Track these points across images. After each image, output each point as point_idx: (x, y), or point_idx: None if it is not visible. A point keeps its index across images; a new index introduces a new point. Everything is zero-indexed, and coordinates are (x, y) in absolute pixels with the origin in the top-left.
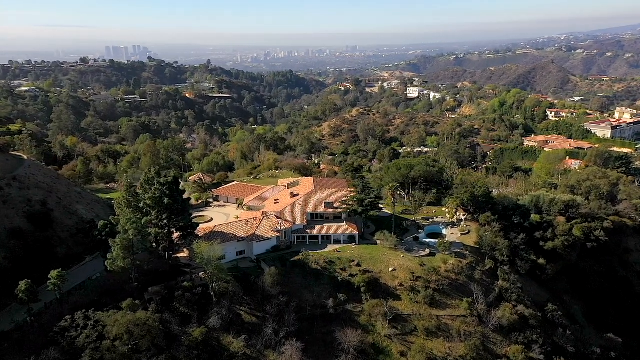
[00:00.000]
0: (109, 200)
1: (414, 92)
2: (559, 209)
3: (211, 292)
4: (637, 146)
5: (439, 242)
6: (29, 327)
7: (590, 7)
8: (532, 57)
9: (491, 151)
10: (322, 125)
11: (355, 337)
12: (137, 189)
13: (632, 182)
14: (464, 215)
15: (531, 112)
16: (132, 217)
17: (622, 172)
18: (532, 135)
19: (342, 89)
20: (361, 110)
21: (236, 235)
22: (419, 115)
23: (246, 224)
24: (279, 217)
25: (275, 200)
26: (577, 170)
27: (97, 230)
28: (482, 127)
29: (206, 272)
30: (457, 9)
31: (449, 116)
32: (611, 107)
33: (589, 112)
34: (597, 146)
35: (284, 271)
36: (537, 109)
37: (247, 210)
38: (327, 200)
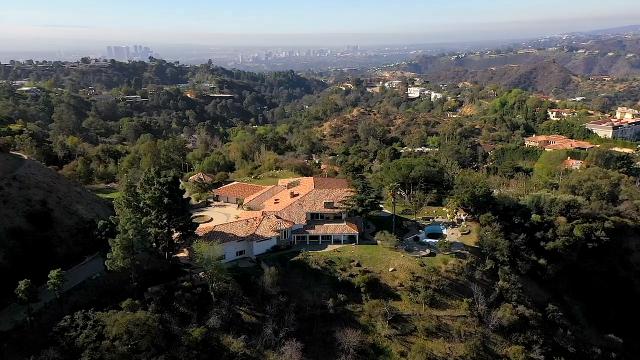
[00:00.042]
0: (109, 200)
1: (415, 92)
2: (559, 209)
3: (211, 292)
4: (639, 146)
5: (439, 242)
6: (28, 326)
7: (590, 7)
8: (533, 57)
9: (492, 151)
10: (323, 125)
11: (355, 337)
12: (137, 188)
13: (633, 182)
14: (464, 215)
15: (532, 112)
16: (131, 216)
17: (623, 172)
18: (533, 135)
19: (343, 88)
20: (362, 110)
21: (236, 235)
22: (420, 115)
23: (246, 224)
24: (279, 217)
25: (275, 200)
26: (578, 170)
27: (96, 230)
28: (483, 127)
29: (206, 272)
30: (457, 9)
31: (450, 116)
32: (612, 107)
33: (590, 112)
34: (599, 146)
35: (284, 271)
36: (538, 109)
37: (247, 210)
38: (327, 200)
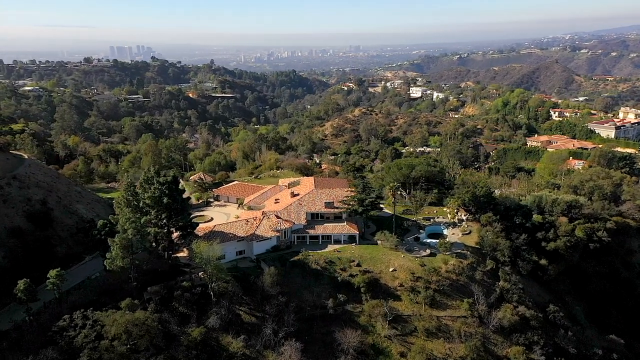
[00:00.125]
0: (109, 199)
1: (417, 92)
2: (561, 209)
3: (210, 292)
4: None
5: (440, 242)
6: (27, 326)
7: (590, 7)
8: (536, 57)
9: (494, 151)
10: (324, 125)
11: (354, 338)
12: (137, 188)
13: (635, 183)
14: (465, 215)
15: (534, 112)
16: (131, 216)
17: (625, 173)
18: (536, 135)
19: (345, 88)
20: (364, 110)
21: (236, 235)
22: (422, 115)
23: (246, 224)
24: (279, 217)
25: (275, 200)
26: (580, 170)
27: (96, 229)
28: (485, 127)
29: (205, 271)
30: (457, 9)
31: (451, 116)
32: (615, 107)
33: (593, 112)
34: (601, 146)
35: (284, 271)
36: (540, 108)
37: (247, 209)
38: (328, 200)
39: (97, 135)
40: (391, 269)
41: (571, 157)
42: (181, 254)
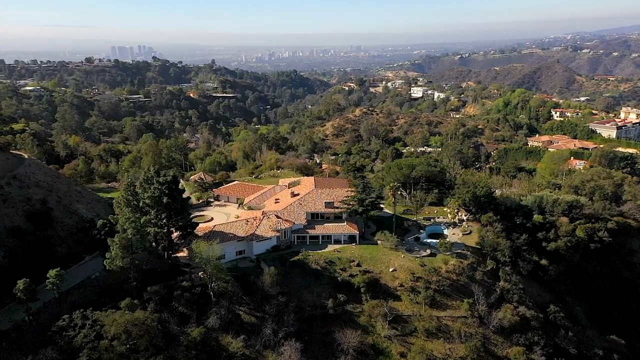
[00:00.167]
0: (110, 199)
1: (418, 92)
2: (562, 209)
3: (210, 292)
4: None
5: (440, 242)
6: (27, 326)
7: (590, 8)
8: (537, 57)
9: (495, 151)
10: (325, 125)
11: (354, 338)
12: (137, 188)
13: (637, 183)
14: (465, 215)
15: (536, 112)
16: (130, 216)
17: (627, 173)
18: (537, 135)
19: (346, 88)
20: (364, 110)
21: (236, 234)
22: (423, 115)
23: (246, 224)
24: (279, 217)
25: (275, 199)
26: (581, 170)
27: (96, 229)
28: (486, 127)
29: (205, 271)
30: (457, 9)
31: (452, 116)
32: (617, 107)
33: (594, 112)
34: (602, 146)
35: (284, 271)
36: (541, 108)
37: (247, 209)
38: (328, 200)
39: (98, 135)
40: (391, 269)
41: (572, 157)
42: (181, 254)
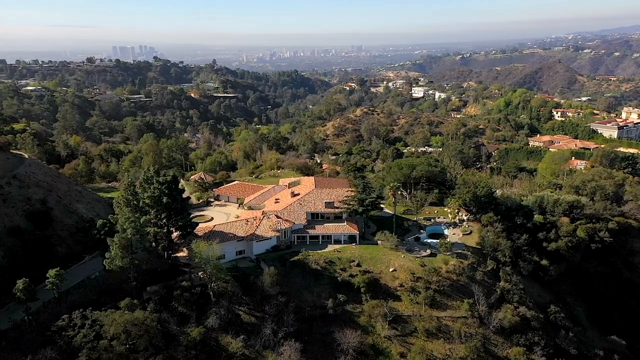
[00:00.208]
0: (110, 199)
1: (419, 92)
2: (563, 209)
3: (210, 292)
4: None
5: (440, 242)
6: (26, 326)
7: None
8: (539, 57)
9: (496, 151)
10: (326, 125)
11: (354, 338)
12: (136, 188)
13: (638, 183)
14: (466, 215)
15: (537, 112)
16: (130, 216)
17: (628, 173)
18: (538, 135)
19: (347, 88)
20: (365, 110)
21: (236, 234)
22: (424, 115)
23: (246, 224)
24: (279, 217)
25: (275, 199)
26: (582, 170)
27: (95, 229)
28: (487, 127)
29: (205, 271)
30: (456, 9)
31: (453, 116)
32: (618, 107)
33: (595, 112)
34: (603, 146)
35: (284, 271)
36: (542, 108)
37: (247, 209)
38: (328, 200)
39: (99, 135)
40: (391, 269)
41: (573, 157)
42: (181, 254)
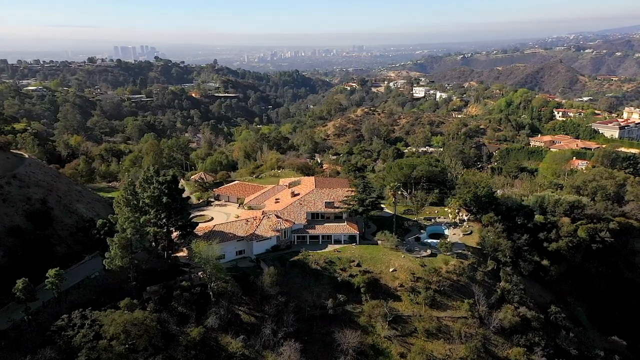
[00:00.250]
0: (110, 199)
1: (420, 92)
2: (563, 209)
3: (210, 292)
4: None
5: (441, 242)
6: (26, 325)
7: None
8: (540, 57)
9: (497, 151)
10: (327, 124)
11: (354, 338)
12: (136, 187)
13: (639, 183)
14: (466, 215)
15: (538, 112)
16: (130, 215)
17: (629, 173)
18: (539, 135)
19: (348, 88)
20: (366, 110)
21: (235, 234)
22: (425, 115)
23: (246, 224)
24: (279, 217)
25: (275, 199)
26: (583, 170)
27: (95, 229)
28: (488, 127)
29: (205, 271)
30: (456, 9)
31: (454, 116)
32: (620, 107)
33: (597, 112)
34: (605, 146)
35: (283, 271)
36: (544, 108)
37: (247, 209)
38: (328, 199)
39: (100, 134)
40: (391, 269)
41: (574, 157)
42: (181, 254)
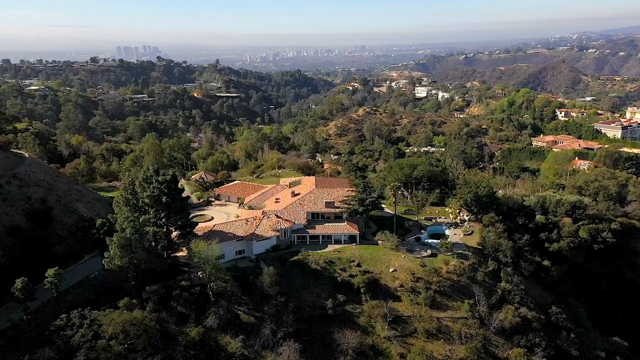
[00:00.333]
0: (110, 198)
1: (422, 92)
2: (565, 209)
3: (209, 292)
4: None
5: (441, 242)
6: (25, 325)
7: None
8: (543, 57)
9: (499, 151)
10: (328, 124)
11: (354, 339)
12: (136, 187)
13: None
14: (467, 215)
15: (540, 112)
16: (129, 215)
17: (631, 173)
18: (541, 135)
19: (350, 88)
20: (368, 109)
21: (235, 234)
22: (427, 114)
23: (246, 223)
24: (279, 217)
25: (276, 199)
26: (585, 170)
27: (95, 228)
28: (490, 127)
29: (204, 271)
30: (456, 9)
31: (456, 116)
32: (623, 107)
33: (599, 112)
34: (607, 146)
35: (283, 271)
36: (546, 108)
37: (247, 209)
38: (328, 199)
39: (102, 134)
40: (391, 270)
41: (577, 158)
42: (180, 254)
